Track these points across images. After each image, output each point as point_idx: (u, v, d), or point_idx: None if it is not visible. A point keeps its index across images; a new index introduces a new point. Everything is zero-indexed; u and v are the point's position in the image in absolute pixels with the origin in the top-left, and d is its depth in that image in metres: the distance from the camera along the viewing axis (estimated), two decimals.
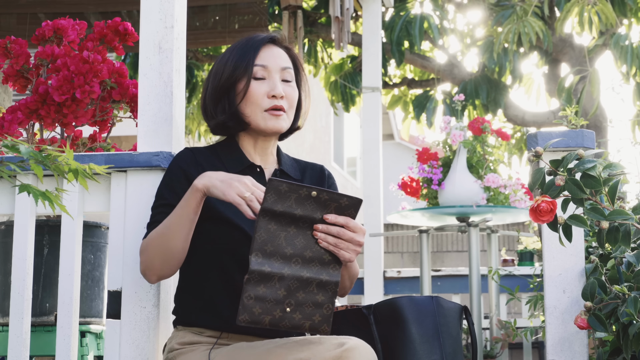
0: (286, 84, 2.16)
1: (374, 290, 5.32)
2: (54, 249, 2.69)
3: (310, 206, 1.87)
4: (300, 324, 1.87)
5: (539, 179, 1.97)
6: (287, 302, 1.86)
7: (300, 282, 1.87)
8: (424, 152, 4.55)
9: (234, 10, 6.58)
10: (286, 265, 1.86)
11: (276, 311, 1.85)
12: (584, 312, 2.05)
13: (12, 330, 2.35)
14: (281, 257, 1.86)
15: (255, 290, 1.84)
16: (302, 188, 1.85)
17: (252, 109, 2.13)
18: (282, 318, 1.86)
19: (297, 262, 1.87)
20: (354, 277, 2.17)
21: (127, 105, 2.91)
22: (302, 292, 1.87)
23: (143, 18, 2.46)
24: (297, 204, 1.86)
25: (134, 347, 2.26)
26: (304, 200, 1.86)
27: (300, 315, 1.87)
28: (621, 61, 6.22)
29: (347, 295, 5.47)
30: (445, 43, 7.56)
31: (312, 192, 1.86)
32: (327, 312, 1.89)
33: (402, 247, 9.13)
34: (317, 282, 1.88)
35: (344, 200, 1.88)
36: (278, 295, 1.85)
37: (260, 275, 1.84)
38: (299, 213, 1.86)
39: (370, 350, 1.87)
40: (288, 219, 1.86)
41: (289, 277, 1.86)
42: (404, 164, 6.62)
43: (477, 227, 4.36)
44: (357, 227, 1.92)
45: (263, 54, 2.16)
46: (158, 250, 2.02)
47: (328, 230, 1.89)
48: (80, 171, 1.89)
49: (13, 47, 2.89)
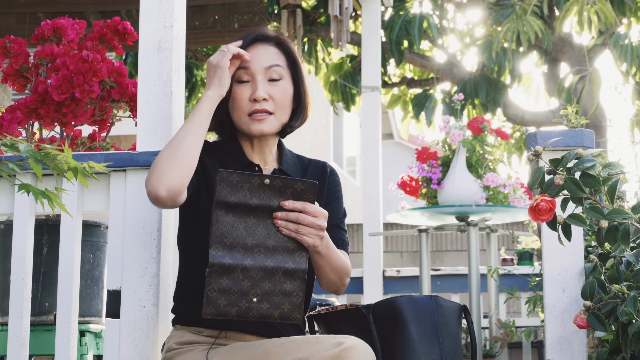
0: (272, 83, 2.11)
1: (373, 290, 5.32)
2: (54, 248, 2.69)
3: (266, 194, 1.86)
4: (269, 314, 1.86)
5: (538, 178, 1.97)
6: (252, 292, 1.84)
7: (265, 272, 1.85)
8: (423, 151, 4.55)
9: (233, 9, 6.57)
10: (248, 256, 1.85)
11: (242, 302, 1.84)
12: (583, 312, 2.05)
13: (11, 330, 2.35)
14: (242, 248, 1.85)
15: (218, 282, 1.83)
16: (254, 177, 1.85)
17: (237, 114, 2.12)
18: (248, 309, 1.85)
19: (260, 252, 1.86)
20: (340, 270, 2.07)
21: (127, 105, 2.90)
22: (268, 282, 1.85)
23: (142, 17, 2.46)
24: (251, 194, 1.85)
25: (134, 347, 2.26)
26: (258, 189, 1.85)
27: (269, 304, 1.86)
28: (621, 60, 6.22)
29: (347, 295, 5.49)
30: (445, 42, 7.56)
31: (265, 180, 1.85)
32: (297, 300, 1.87)
33: (402, 247, 9.13)
34: (282, 271, 1.86)
35: (298, 185, 1.87)
36: (242, 286, 1.84)
37: (221, 268, 1.83)
38: (254, 202, 1.85)
39: (369, 349, 1.86)
40: (245, 209, 1.85)
41: (252, 268, 1.85)
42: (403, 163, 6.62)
43: (477, 227, 4.36)
44: (317, 211, 1.89)
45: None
46: (169, 154, 1.97)
47: (287, 216, 1.87)
48: (79, 169, 1.89)
49: (12, 47, 2.89)
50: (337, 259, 2.05)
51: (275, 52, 2.15)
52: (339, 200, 2.21)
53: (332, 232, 2.13)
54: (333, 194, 2.20)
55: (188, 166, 1.98)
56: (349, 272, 2.11)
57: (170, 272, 2.35)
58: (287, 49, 2.17)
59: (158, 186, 1.94)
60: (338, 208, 2.20)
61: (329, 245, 2.00)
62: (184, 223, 2.14)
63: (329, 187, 2.21)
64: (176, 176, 1.95)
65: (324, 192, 2.19)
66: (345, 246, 2.17)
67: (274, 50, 2.15)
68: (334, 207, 2.18)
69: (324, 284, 2.08)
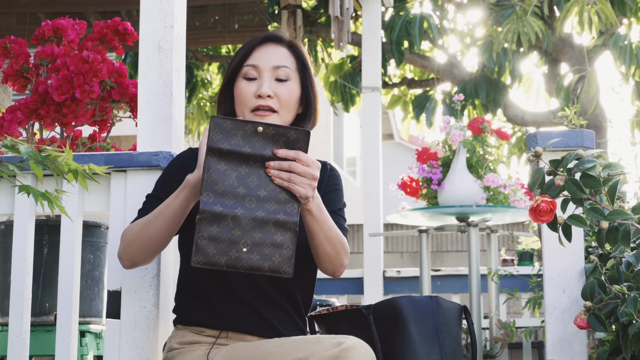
0: (280, 83, 2.12)
1: (373, 290, 5.32)
2: (54, 248, 2.69)
3: (259, 143, 1.84)
4: (258, 265, 1.83)
5: (538, 178, 1.97)
6: (242, 242, 1.82)
7: (256, 222, 1.83)
8: (423, 152, 4.55)
9: (233, 10, 6.58)
10: (239, 205, 1.83)
11: (232, 251, 1.82)
12: (584, 312, 2.05)
13: (11, 330, 2.35)
14: (234, 197, 1.83)
15: (208, 230, 1.81)
16: (247, 124, 1.83)
17: (241, 109, 2.13)
18: (238, 259, 1.82)
19: (251, 201, 1.84)
20: (335, 241, 2.01)
21: (127, 105, 2.91)
22: (259, 232, 1.83)
23: (143, 18, 2.46)
24: (244, 141, 1.83)
25: (134, 347, 2.26)
26: (251, 136, 1.84)
27: (259, 255, 1.83)
28: (620, 61, 6.22)
29: (347, 295, 5.49)
30: (445, 43, 7.56)
31: (258, 127, 1.83)
32: (287, 253, 1.84)
33: (402, 247, 9.13)
34: (273, 222, 1.84)
35: (291, 133, 1.85)
36: (232, 235, 1.82)
37: (211, 215, 1.81)
38: (247, 151, 1.84)
39: (369, 349, 1.86)
40: (237, 157, 1.84)
41: (243, 217, 1.82)
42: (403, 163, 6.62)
43: (477, 227, 4.36)
44: (310, 160, 1.87)
45: (256, 53, 2.14)
46: (137, 238, 2.02)
47: (280, 166, 1.85)
48: (80, 171, 1.89)
49: (13, 47, 2.89)
50: (330, 226, 1.99)
51: (286, 53, 2.16)
52: (337, 192, 2.20)
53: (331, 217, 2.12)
54: (332, 185, 2.20)
55: (154, 249, 2.04)
56: (346, 248, 2.04)
57: (171, 272, 2.35)
58: (299, 53, 2.18)
59: (122, 255, 2.06)
60: (337, 198, 2.19)
61: (321, 207, 1.96)
62: (184, 227, 2.14)
63: (329, 180, 2.20)
64: (141, 256, 2.05)
65: (324, 185, 2.18)
66: (344, 231, 2.12)
67: (284, 51, 2.16)
68: (332, 197, 2.18)
69: (321, 258, 2.02)
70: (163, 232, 2.01)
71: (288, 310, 2.10)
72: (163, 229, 2.00)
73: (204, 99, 8.12)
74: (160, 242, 2.03)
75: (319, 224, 1.96)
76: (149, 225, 2.01)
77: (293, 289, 2.09)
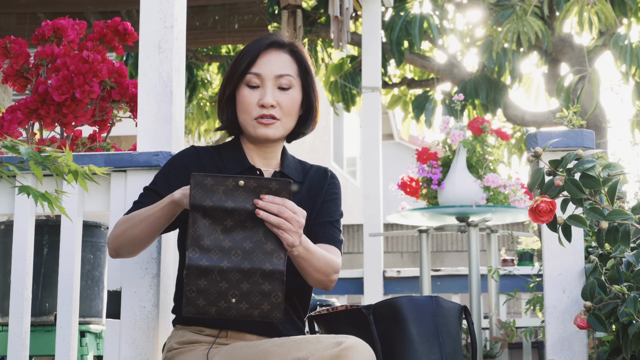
0: (282, 91, 2.14)
1: (373, 290, 5.32)
2: (54, 248, 2.69)
3: (241, 196, 1.86)
4: (248, 313, 1.87)
5: (538, 179, 1.97)
6: (230, 293, 1.85)
7: (242, 274, 1.86)
8: (423, 152, 4.55)
9: (233, 10, 6.58)
10: (225, 258, 1.86)
11: (221, 302, 1.86)
12: (584, 312, 2.05)
13: (11, 330, 2.35)
14: (219, 251, 1.86)
15: (196, 284, 1.85)
16: (228, 179, 1.85)
17: (243, 117, 2.14)
18: (227, 308, 1.86)
19: (237, 254, 1.86)
20: (325, 269, 2.03)
21: (127, 105, 2.91)
22: (246, 283, 1.86)
23: (143, 18, 2.46)
24: (226, 196, 1.85)
25: (134, 347, 2.26)
26: (233, 191, 1.85)
27: (247, 304, 1.86)
28: (620, 61, 6.21)
29: (347, 295, 5.49)
30: (445, 43, 7.56)
31: (240, 181, 1.85)
32: (276, 300, 1.86)
33: (402, 247, 9.13)
34: (260, 273, 1.86)
35: (273, 184, 1.87)
36: (220, 287, 1.85)
37: (198, 270, 1.85)
38: (230, 205, 1.85)
39: (368, 349, 1.86)
40: (221, 212, 1.85)
41: (229, 270, 1.85)
42: (403, 163, 6.62)
43: (477, 227, 4.36)
44: (296, 208, 1.88)
45: (260, 61, 2.14)
46: (123, 234, 2.06)
47: (269, 208, 1.85)
48: (80, 172, 1.89)
49: (13, 47, 2.89)
50: (319, 259, 2.01)
51: (288, 60, 2.17)
52: (336, 201, 2.21)
53: (326, 228, 2.14)
54: (331, 194, 2.21)
55: (138, 247, 2.08)
56: (336, 269, 2.07)
57: (171, 272, 2.35)
58: (300, 57, 2.19)
59: (109, 245, 2.10)
60: (334, 207, 2.20)
61: (309, 248, 1.97)
62: (183, 227, 2.15)
63: (328, 188, 2.21)
64: (125, 250, 2.09)
65: (322, 193, 2.19)
66: (337, 243, 2.15)
67: (287, 57, 2.17)
68: (330, 206, 2.19)
69: (311, 281, 2.06)
70: (146, 236, 2.05)
71: (287, 311, 2.11)
72: (146, 232, 2.04)
73: (204, 99, 8.12)
74: (143, 242, 2.07)
75: (307, 262, 1.99)
76: (134, 226, 2.04)
77: (291, 292, 2.10)
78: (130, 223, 2.05)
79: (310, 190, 2.18)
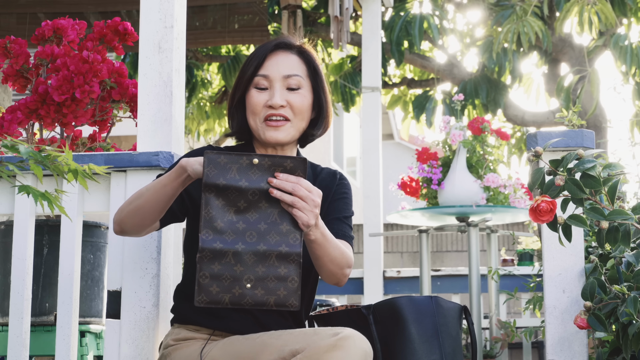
0: (291, 92, 2.11)
1: (373, 290, 5.32)
2: (54, 248, 2.69)
3: (255, 175, 1.81)
4: (264, 300, 1.79)
5: (538, 178, 1.97)
6: (245, 277, 1.78)
7: (258, 256, 1.79)
8: (423, 152, 4.55)
9: (233, 10, 6.57)
10: (240, 240, 1.79)
11: (235, 288, 1.78)
12: (584, 312, 2.05)
13: (11, 330, 2.35)
14: (233, 232, 1.80)
15: (210, 268, 1.78)
16: (242, 157, 1.80)
17: (253, 118, 2.13)
18: (242, 295, 1.78)
19: (252, 235, 1.80)
20: (340, 260, 2.00)
21: (127, 105, 2.91)
22: (262, 266, 1.79)
23: (143, 18, 2.46)
24: (240, 175, 1.80)
25: (134, 347, 2.26)
26: (247, 169, 1.80)
27: (263, 290, 1.79)
28: (620, 61, 6.21)
29: (347, 295, 5.49)
30: (445, 43, 7.56)
31: (254, 159, 1.80)
32: (292, 286, 1.79)
33: (402, 247, 9.13)
34: (276, 254, 1.80)
35: (288, 162, 1.82)
36: (234, 271, 1.78)
37: (212, 253, 1.78)
38: (244, 184, 1.80)
39: (365, 340, 1.87)
40: (235, 192, 1.80)
41: (244, 252, 1.78)
42: (403, 163, 6.62)
43: (477, 227, 4.36)
44: (311, 187, 1.84)
45: (267, 62, 2.13)
46: (129, 205, 2.02)
47: (283, 186, 1.81)
48: (80, 171, 1.89)
49: (13, 47, 2.89)
50: (335, 248, 1.98)
51: (296, 60, 2.15)
52: (345, 200, 2.19)
53: (335, 224, 2.12)
54: (340, 194, 2.19)
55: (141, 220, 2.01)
56: (349, 263, 2.04)
57: (171, 272, 2.35)
58: (309, 58, 2.17)
59: (115, 219, 2.06)
60: (344, 206, 2.18)
61: (326, 234, 1.94)
62: (190, 230, 2.15)
63: (337, 188, 2.19)
64: (129, 226, 2.03)
65: (331, 193, 2.18)
66: (348, 238, 2.12)
67: (295, 59, 2.15)
68: (339, 205, 2.17)
69: (324, 274, 2.02)
70: (151, 206, 1.98)
71: (285, 316, 2.11)
72: (151, 201, 1.98)
73: (204, 99, 8.12)
74: (148, 215, 2.00)
75: (323, 249, 1.95)
76: (140, 196, 2.00)
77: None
78: (137, 194, 2.01)
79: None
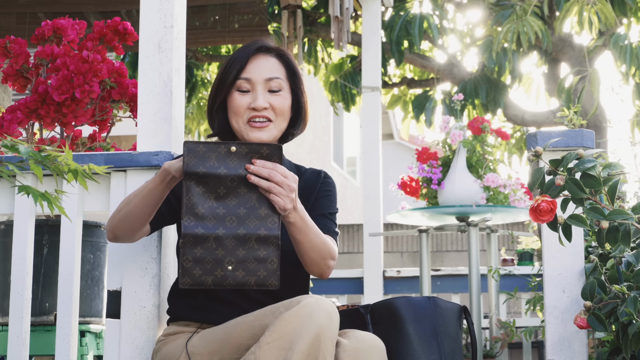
0: (273, 94, 2.18)
1: (373, 290, 5.32)
2: (54, 248, 2.69)
3: (233, 162, 1.90)
4: (245, 281, 1.90)
5: (538, 178, 1.97)
6: (227, 260, 1.88)
7: (238, 240, 1.89)
8: (423, 151, 4.55)
9: (233, 9, 6.57)
10: (220, 225, 1.89)
11: (217, 271, 1.89)
12: (584, 312, 2.05)
13: (11, 330, 2.35)
14: (214, 218, 1.90)
15: (192, 252, 1.88)
16: (220, 145, 1.90)
17: (236, 120, 2.19)
18: (224, 277, 1.89)
19: (232, 220, 1.90)
20: (321, 248, 2.06)
21: (127, 105, 2.91)
22: (242, 249, 1.89)
23: (143, 17, 2.46)
24: (219, 163, 1.89)
25: (134, 347, 2.27)
26: (225, 157, 1.90)
27: (244, 272, 1.89)
28: (620, 61, 6.21)
29: (347, 295, 5.49)
30: (445, 43, 7.56)
31: (231, 147, 1.90)
32: (272, 266, 1.90)
33: (402, 247, 9.13)
34: (255, 238, 1.90)
35: (264, 149, 1.91)
36: (216, 255, 1.88)
37: (194, 238, 1.88)
38: (223, 172, 1.89)
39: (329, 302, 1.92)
40: (214, 179, 1.89)
41: (225, 237, 1.89)
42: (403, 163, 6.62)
43: (477, 227, 4.36)
44: (287, 172, 1.92)
45: (249, 66, 2.19)
46: (119, 212, 2.10)
47: (259, 171, 1.90)
48: (79, 171, 1.89)
49: (12, 47, 2.89)
50: (316, 236, 2.04)
51: (276, 63, 2.22)
52: (330, 197, 2.25)
53: (319, 220, 2.17)
54: (324, 191, 2.26)
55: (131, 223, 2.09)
56: (332, 255, 2.09)
57: (171, 272, 2.35)
58: (287, 61, 2.24)
59: (107, 226, 2.14)
60: (328, 203, 2.24)
61: (305, 219, 2.00)
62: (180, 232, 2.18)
63: (321, 186, 2.26)
64: (120, 230, 2.11)
65: (315, 191, 2.24)
66: (332, 234, 2.18)
67: (275, 62, 2.22)
68: (323, 201, 2.23)
69: (307, 263, 2.08)
70: (139, 210, 2.06)
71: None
72: (139, 206, 2.06)
73: (203, 98, 8.11)
74: (137, 220, 2.08)
75: (303, 234, 2.02)
76: (129, 202, 2.09)
77: (283, 294, 2.10)
78: (126, 201, 2.10)
79: (304, 190, 2.22)
